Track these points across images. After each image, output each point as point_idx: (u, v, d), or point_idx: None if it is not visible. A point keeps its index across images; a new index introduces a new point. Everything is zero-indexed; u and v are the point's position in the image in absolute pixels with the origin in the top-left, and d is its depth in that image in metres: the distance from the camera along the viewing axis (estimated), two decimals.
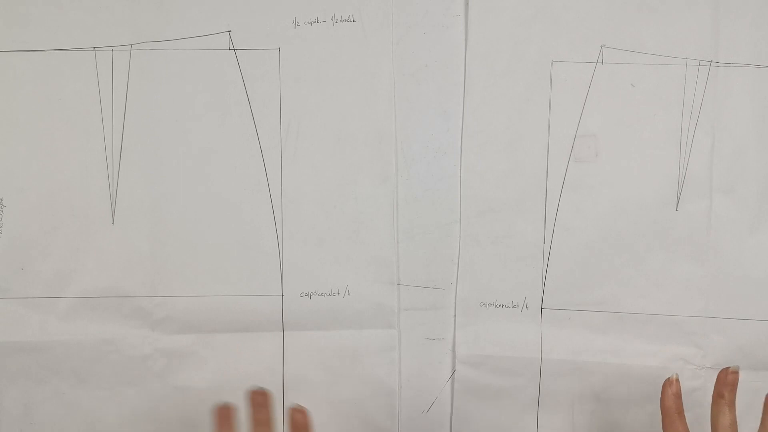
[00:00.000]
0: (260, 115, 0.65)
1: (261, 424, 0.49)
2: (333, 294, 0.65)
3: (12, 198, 0.65)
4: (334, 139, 0.65)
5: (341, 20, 0.65)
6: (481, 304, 0.66)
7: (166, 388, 0.66)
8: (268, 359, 0.66)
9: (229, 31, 0.65)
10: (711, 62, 0.64)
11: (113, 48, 0.65)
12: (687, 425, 0.52)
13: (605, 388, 0.66)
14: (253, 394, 0.50)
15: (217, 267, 0.65)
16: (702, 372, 0.66)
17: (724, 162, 0.65)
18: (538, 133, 0.65)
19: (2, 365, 0.65)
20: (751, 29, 0.64)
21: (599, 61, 0.65)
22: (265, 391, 0.50)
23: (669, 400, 0.52)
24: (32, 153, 0.65)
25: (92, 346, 0.65)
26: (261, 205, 0.65)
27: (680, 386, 0.53)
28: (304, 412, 0.49)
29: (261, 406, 0.50)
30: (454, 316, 0.67)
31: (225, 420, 0.49)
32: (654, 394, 0.65)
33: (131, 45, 0.65)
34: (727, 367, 0.53)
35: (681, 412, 0.52)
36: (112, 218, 0.65)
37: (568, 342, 0.66)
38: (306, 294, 0.66)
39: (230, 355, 0.66)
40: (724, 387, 0.52)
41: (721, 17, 0.64)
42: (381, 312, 0.66)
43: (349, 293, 0.65)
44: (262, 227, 0.65)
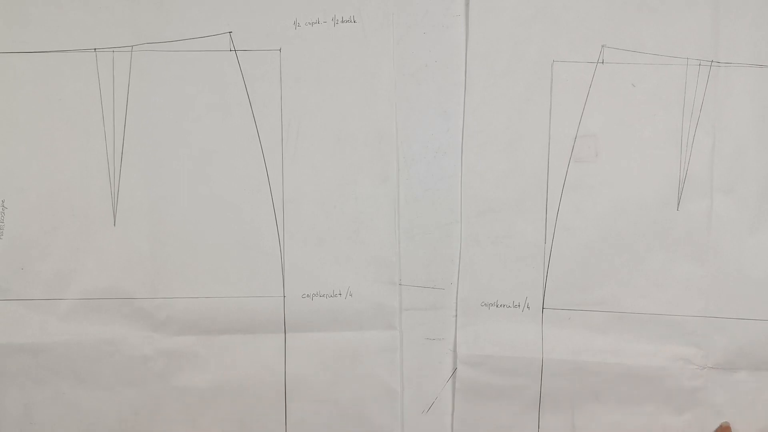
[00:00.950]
0: (261, 115, 0.65)
1: None
2: (335, 295, 0.65)
3: (13, 199, 0.65)
4: (334, 139, 0.65)
5: (342, 21, 0.65)
6: (482, 303, 0.66)
7: (167, 389, 0.66)
8: (270, 360, 0.66)
9: (229, 32, 0.65)
10: (711, 62, 0.64)
11: (114, 49, 0.65)
12: None
13: (606, 388, 0.66)
14: None
15: (218, 268, 0.65)
16: (703, 372, 0.66)
17: (724, 162, 0.65)
18: (539, 133, 0.65)
19: (3, 366, 0.65)
20: (751, 29, 0.64)
21: (600, 61, 0.65)
22: None
23: None
24: (33, 154, 0.65)
25: (93, 346, 0.65)
26: (262, 206, 0.65)
27: None
28: None
29: None
30: (455, 316, 0.67)
31: None
32: (654, 394, 0.66)
33: (132, 46, 0.65)
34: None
35: None
36: (114, 219, 0.65)
37: (569, 342, 0.66)
38: (308, 295, 0.66)
39: (232, 356, 0.66)
40: None
41: (721, 17, 0.64)
42: (382, 313, 0.66)
43: (351, 294, 0.65)
44: (263, 228, 0.65)
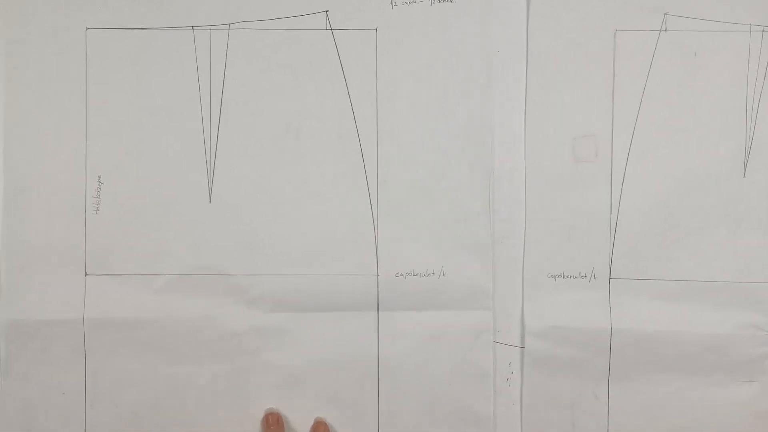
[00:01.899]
0: (356, 94, 0.65)
1: None
2: (428, 275, 0.66)
3: (109, 175, 0.65)
4: (430, 120, 0.65)
5: (438, 0, 0.65)
6: (549, 275, 0.66)
7: (259, 364, 0.66)
8: (362, 338, 0.66)
9: (326, 11, 0.65)
10: None
11: (212, 27, 0.65)
12: None
13: (674, 357, 0.66)
14: (267, 416, 0.65)
15: (312, 245, 0.66)
16: None
17: None
18: (603, 101, 0.65)
19: (98, 340, 0.66)
20: None
21: (663, 29, 0.64)
22: (277, 414, 0.65)
23: None
24: (129, 130, 0.65)
25: (186, 322, 0.66)
26: (356, 185, 0.66)
27: None
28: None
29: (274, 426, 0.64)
30: (522, 288, 0.66)
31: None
32: (723, 362, 0.65)
33: (229, 24, 0.65)
34: None
35: None
36: (209, 196, 0.66)
37: (637, 312, 0.66)
38: (401, 274, 0.66)
39: (324, 333, 0.66)
40: None
41: None
42: (476, 293, 0.66)
43: (444, 274, 0.66)
44: (358, 206, 0.66)
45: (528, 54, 0.66)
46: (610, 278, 0.66)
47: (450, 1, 0.65)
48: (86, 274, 0.66)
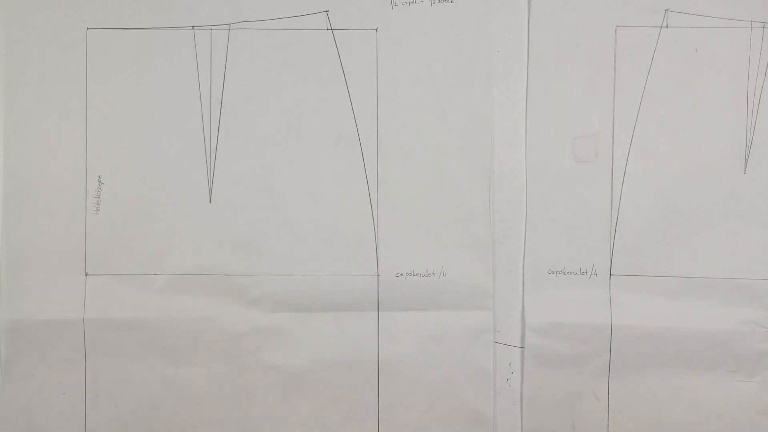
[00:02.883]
0: (356, 94, 0.65)
1: None
2: (428, 275, 0.66)
3: (110, 175, 0.65)
4: (430, 119, 0.65)
5: (438, 1, 0.65)
6: (549, 271, 0.66)
7: (260, 365, 0.66)
8: (363, 338, 0.66)
9: (326, 11, 0.65)
10: None
11: (212, 27, 0.65)
12: None
13: (675, 353, 0.66)
14: None
15: (312, 246, 0.66)
16: None
17: None
18: (604, 99, 0.65)
19: (99, 341, 0.66)
20: None
21: (664, 25, 0.64)
22: None
23: None
24: (130, 130, 0.65)
25: (187, 322, 0.66)
26: (357, 184, 0.66)
27: None
28: None
29: None
30: (522, 284, 0.67)
31: None
32: (724, 358, 0.65)
33: (230, 24, 0.65)
34: None
35: None
36: (209, 196, 0.66)
37: (638, 308, 0.66)
38: (401, 274, 0.66)
39: (325, 333, 0.66)
40: None
41: None
42: (476, 293, 0.66)
43: (444, 274, 0.66)
44: (358, 206, 0.66)
45: (528, 54, 0.66)
46: (610, 275, 0.66)
47: (450, 1, 0.65)
48: (86, 274, 0.66)
